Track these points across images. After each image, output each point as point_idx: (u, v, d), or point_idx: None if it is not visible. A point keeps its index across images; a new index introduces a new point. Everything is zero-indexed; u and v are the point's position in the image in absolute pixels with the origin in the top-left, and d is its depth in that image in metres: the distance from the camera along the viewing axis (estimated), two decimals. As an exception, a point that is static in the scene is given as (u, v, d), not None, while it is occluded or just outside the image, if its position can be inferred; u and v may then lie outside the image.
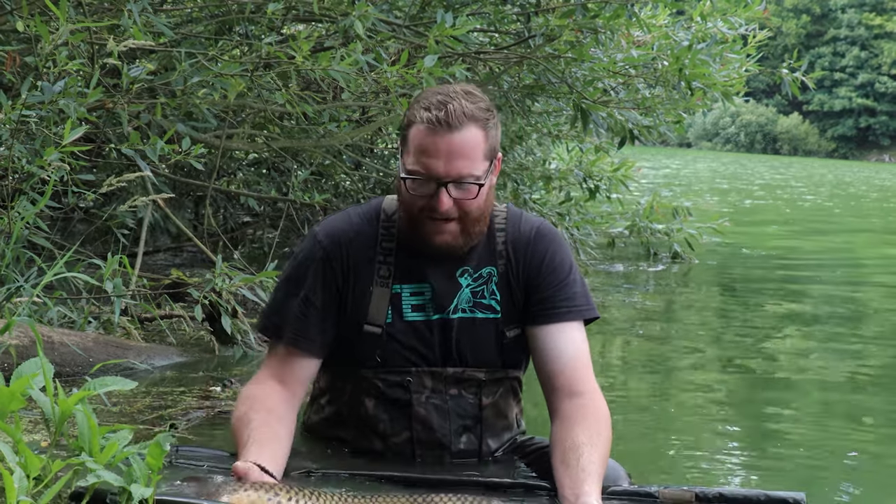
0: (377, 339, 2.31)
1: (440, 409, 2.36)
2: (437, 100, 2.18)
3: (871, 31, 67.61)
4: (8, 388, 1.88)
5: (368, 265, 2.32)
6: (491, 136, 2.23)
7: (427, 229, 2.24)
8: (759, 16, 5.95)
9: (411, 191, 2.22)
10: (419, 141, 2.19)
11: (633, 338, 5.13)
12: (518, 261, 2.36)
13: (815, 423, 3.72)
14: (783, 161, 50.13)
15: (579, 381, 2.29)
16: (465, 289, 2.34)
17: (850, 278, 8.55)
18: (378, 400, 2.35)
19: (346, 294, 2.31)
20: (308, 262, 2.33)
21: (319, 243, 2.33)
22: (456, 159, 2.17)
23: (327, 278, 2.31)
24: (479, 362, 2.36)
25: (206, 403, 3.27)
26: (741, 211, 15.63)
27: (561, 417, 2.26)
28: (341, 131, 5.51)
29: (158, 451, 1.83)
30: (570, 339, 2.31)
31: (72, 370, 3.44)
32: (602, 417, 2.26)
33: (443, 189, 2.18)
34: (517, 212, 2.43)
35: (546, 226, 2.42)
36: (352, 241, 2.33)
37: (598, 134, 6.52)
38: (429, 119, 2.16)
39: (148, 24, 4.11)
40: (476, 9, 5.37)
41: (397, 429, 2.37)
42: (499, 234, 2.38)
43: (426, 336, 2.33)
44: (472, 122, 2.18)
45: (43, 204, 3.61)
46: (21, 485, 1.72)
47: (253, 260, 5.64)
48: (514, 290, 2.35)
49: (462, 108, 2.17)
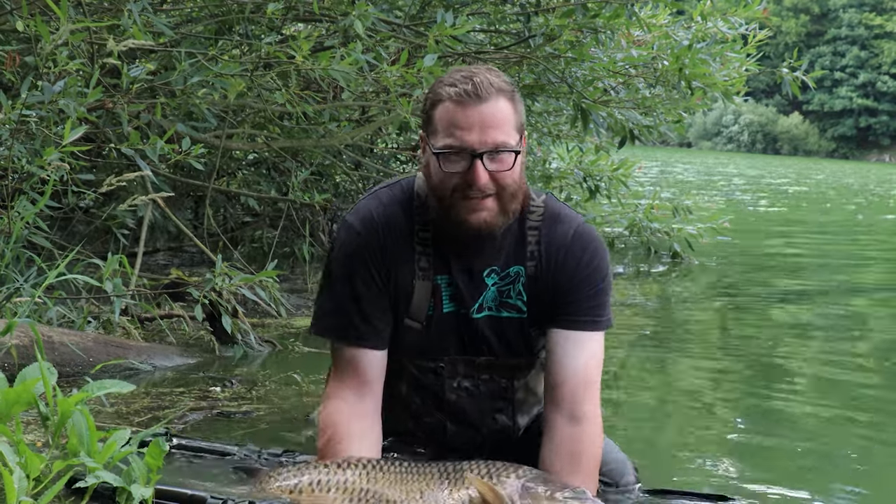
0: (416, 332, 2.32)
1: (472, 394, 2.39)
2: (462, 75, 2.16)
3: (871, 30, 67.60)
4: (12, 391, 1.89)
5: (407, 255, 2.28)
6: (518, 111, 2.20)
7: (462, 209, 2.18)
8: (759, 15, 5.95)
9: (444, 168, 2.15)
10: (449, 116, 2.14)
11: (634, 338, 5.13)
12: (549, 265, 2.30)
13: (815, 422, 3.72)
14: (804, 162, 50.11)
15: (581, 401, 2.27)
16: (492, 287, 2.32)
17: (851, 278, 8.54)
18: (411, 384, 2.38)
19: (388, 283, 2.29)
20: (349, 255, 2.29)
21: (357, 234, 2.29)
22: (489, 128, 2.13)
23: (371, 268, 2.27)
24: (509, 354, 2.38)
25: (203, 404, 3.27)
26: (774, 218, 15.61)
27: (554, 441, 2.26)
28: (341, 131, 5.51)
29: (157, 451, 1.84)
30: (585, 350, 2.29)
31: (72, 370, 3.44)
32: (594, 455, 2.27)
33: (478, 161, 2.13)
34: (555, 209, 2.35)
35: (584, 231, 2.34)
36: (387, 228, 2.28)
37: (599, 134, 6.51)
38: (457, 93, 2.13)
39: (148, 23, 4.11)
40: (476, 9, 5.37)
41: (430, 410, 2.40)
42: (531, 233, 2.31)
43: (459, 328, 2.33)
44: (501, 94, 2.16)
45: (43, 204, 3.62)
46: (21, 485, 1.72)
47: (253, 260, 5.64)
48: (542, 292, 2.31)
49: (489, 80, 2.15)
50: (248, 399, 3.37)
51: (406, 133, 6.88)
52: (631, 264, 8.00)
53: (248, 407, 3.27)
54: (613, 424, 3.26)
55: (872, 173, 39.80)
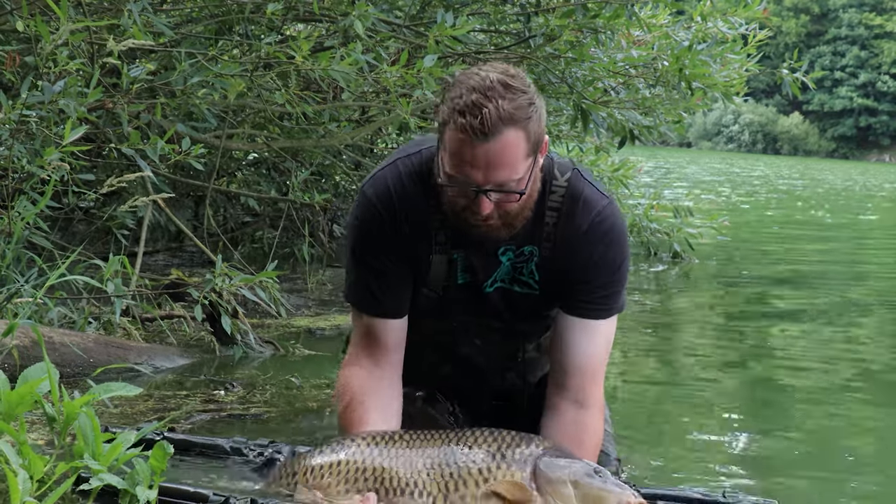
0: (433, 300, 2.36)
1: (483, 352, 2.44)
2: (473, 101, 2.01)
3: (871, 30, 67.62)
4: (15, 392, 1.89)
5: (424, 228, 2.27)
6: (533, 131, 2.07)
7: (468, 223, 2.17)
8: (759, 16, 5.94)
9: (450, 193, 2.13)
10: (455, 147, 2.05)
11: (634, 338, 5.13)
12: (565, 249, 2.27)
13: (815, 421, 3.72)
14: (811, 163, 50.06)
15: (587, 391, 2.30)
16: (506, 263, 2.32)
17: (853, 278, 8.54)
18: (425, 341, 2.42)
19: (404, 256, 2.30)
20: (365, 230, 2.30)
21: (373, 206, 2.28)
22: (494, 169, 2.05)
23: (387, 243, 2.28)
24: (522, 321, 2.42)
25: (210, 406, 3.26)
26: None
27: (558, 425, 2.28)
28: (341, 131, 5.50)
29: (161, 453, 1.84)
30: (595, 338, 2.31)
31: (72, 371, 3.43)
32: (595, 442, 2.30)
33: (482, 196, 2.08)
34: (577, 191, 2.27)
35: (604, 218, 2.27)
36: (404, 202, 2.26)
37: (599, 134, 6.51)
38: (463, 126, 2.01)
39: (148, 23, 4.11)
40: (476, 9, 5.37)
41: (441, 366, 2.47)
42: (549, 214, 2.26)
43: (472, 298, 2.36)
44: (511, 126, 2.02)
45: (43, 204, 3.62)
46: (25, 486, 1.72)
47: (253, 260, 5.64)
48: (555, 273, 2.29)
49: (498, 113, 2.00)
50: (256, 403, 3.36)
51: (406, 133, 6.88)
52: (631, 264, 7.98)
53: (257, 410, 3.27)
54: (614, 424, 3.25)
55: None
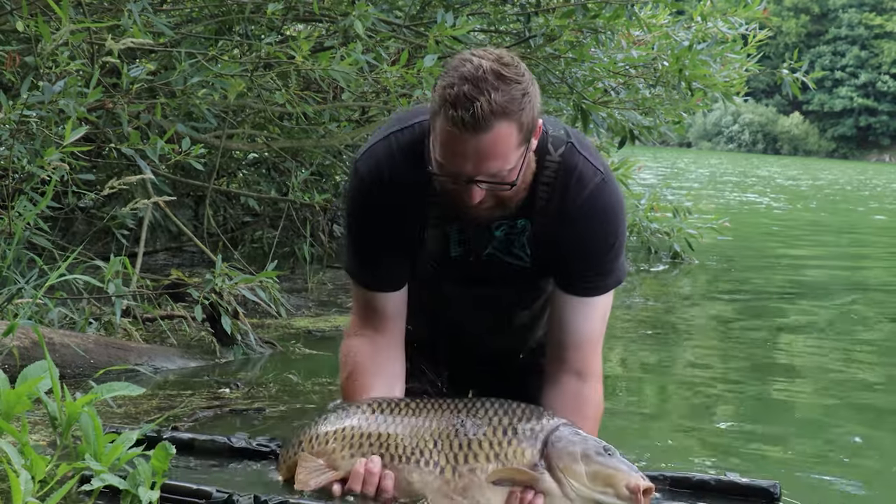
0: (427, 272, 2.39)
1: (475, 320, 2.49)
2: (464, 92, 1.97)
3: (871, 30, 67.66)
4: (14, 390, 1.89)
5: (417, 204, 2.27)
6: (525, 121, 2.05)
7: (460, 206, 2.17)
8: (759, 16, 5.95)
9: (441, 181, 2.13)
10: (445, 138, 2.04)
11: (634, 337, 5.13)
12: (558, 224, 2.25)
13: (816, 420, 3.72)
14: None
15: (587, 364, 2.33)
16: (500, 235, 2.33)
17: (853, 278, 8.55)
18: (418, 304, 2.46)
19: (398, 229, 2.32)
20: (358, 204, 2.34)
21: (365, 183, 2.30)
22: (485, 160, 2.04)
23: (383, 215, 2.30)
24: (514, 291, 2.45)
25: (215, 403, 3.26)
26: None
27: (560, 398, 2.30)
28: (341, 131, 5.51)
29: (163, 453, 1.84)
30: (592, 313, 2.32)
31: (72, 371, 3.43)
32: (596, 414, 2.34)
33: (472, 185, 2.08)
34: (571, 165, 2.24)
35: (597, 195, 2.24)
36: (396, 175, 2.26)
37: (599, 134, 6.51)
38: (454, 119, 1.99)
39: (148, 23, 4.11)
40: (476, 9, 5.37)
41: (433, 325, 2.54)
42: (543, 189, 2.24)
43: (466, 268, 2.38)
44: (502, 119, 2.00)
45: (44, 204, 3.61)
46: (27, 487, 1.72)
47: (253, 260, 5.64)
48: (548, 247, 2.29)
49: (490, 106, 1.97)
50: (261, 398, 3.37)
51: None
52: (631, 264, 8.00)
53: (260, 404, 3.27)
54: (613, 423, 3.26)
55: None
